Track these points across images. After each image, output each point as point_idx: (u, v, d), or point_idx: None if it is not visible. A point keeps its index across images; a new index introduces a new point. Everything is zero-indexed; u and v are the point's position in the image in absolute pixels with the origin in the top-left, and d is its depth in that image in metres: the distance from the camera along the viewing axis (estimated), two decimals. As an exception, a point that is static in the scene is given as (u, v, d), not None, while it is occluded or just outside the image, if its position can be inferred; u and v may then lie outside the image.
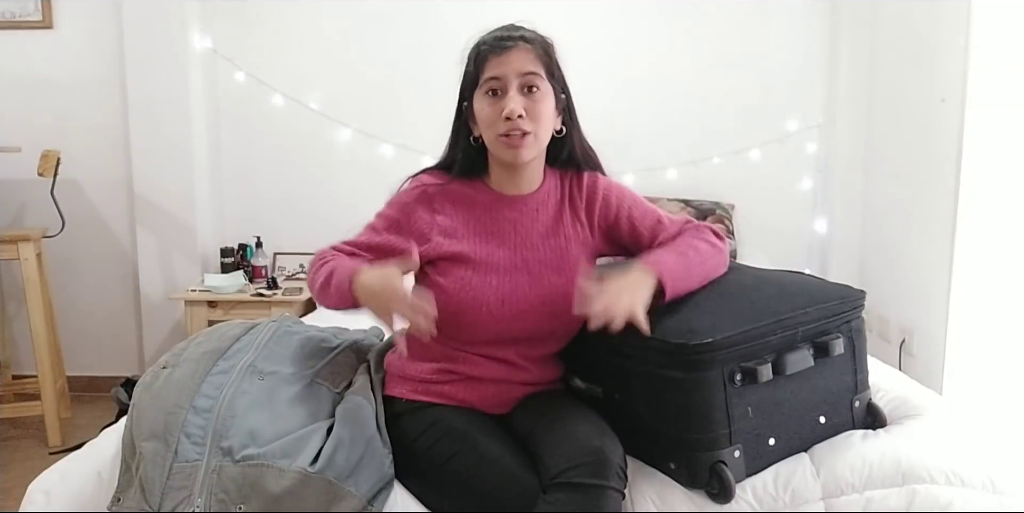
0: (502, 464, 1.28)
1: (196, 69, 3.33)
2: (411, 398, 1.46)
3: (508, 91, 1.40)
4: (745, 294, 1.40)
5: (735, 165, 3.42)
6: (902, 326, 2.93)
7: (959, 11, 2.53)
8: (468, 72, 1.45)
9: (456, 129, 1.51)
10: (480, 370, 1.45)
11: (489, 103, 1.41)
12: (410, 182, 1.52)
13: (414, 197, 1.48)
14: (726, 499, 1.27)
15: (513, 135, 1.39)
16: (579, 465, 1.21)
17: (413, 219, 1.47)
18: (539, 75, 1.41)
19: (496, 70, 1.40)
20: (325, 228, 3.45)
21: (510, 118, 1.38)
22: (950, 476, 1.32)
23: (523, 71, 1.40)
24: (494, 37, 1.43)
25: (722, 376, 1.28)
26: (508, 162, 1.45)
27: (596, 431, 1.29)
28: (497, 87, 1.41)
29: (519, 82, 1.40)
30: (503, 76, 1.40)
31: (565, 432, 1.29)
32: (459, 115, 1.50)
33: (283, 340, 1.60)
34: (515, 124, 1.38)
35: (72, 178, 3.30)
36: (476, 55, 1.43)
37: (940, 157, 2.65)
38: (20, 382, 3.29)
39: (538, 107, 1.41)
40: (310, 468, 1.25)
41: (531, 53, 1.41)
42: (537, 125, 1.41)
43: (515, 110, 1.38)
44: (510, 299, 1.42)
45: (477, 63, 1.42)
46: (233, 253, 3.38)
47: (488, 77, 1.41)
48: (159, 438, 1.30)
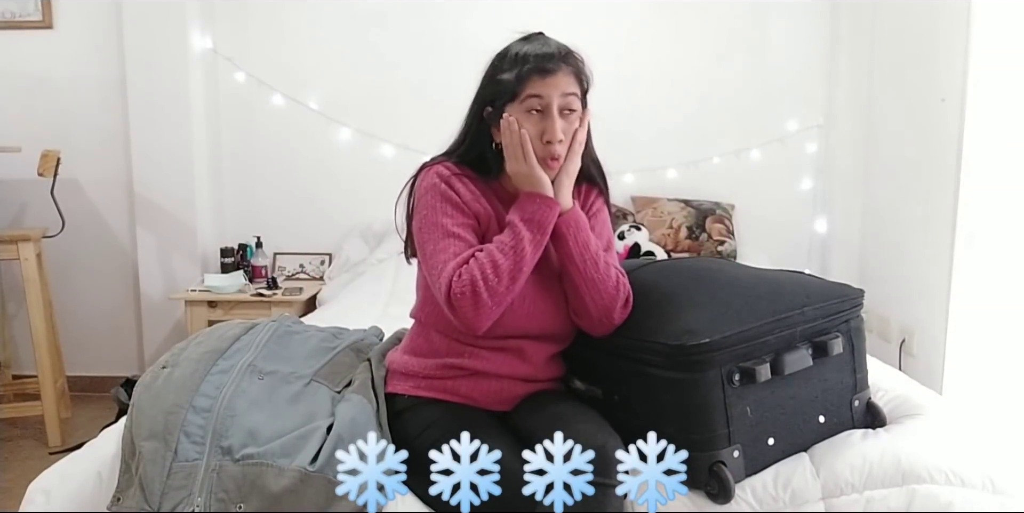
0: (503, 461, 1.28)
1: (196, 69, 3.33)
2: (413, 394, 1.46)
3: (550, 112, 1.40)
4: (743, 293, 1.40)
5: (735, 165, 3.42)
6: (902, 326, 2.93)
7: (959, 11, 2.53)
8: (504, 85, 1.42)
9: (476, 132, 1.49)
10: (485, 364, 1.45)
11: (529, 121, 1.41)
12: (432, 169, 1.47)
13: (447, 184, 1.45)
14: (726, 499, 1.27)
15: (552, 160, 1.41)
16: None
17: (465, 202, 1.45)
18: (577, 96, 1.42)
19: (539, 89, 1.40)
20: (325, 228, 3.50)
21: (551, 142, 1.39)
22: (950, 476, 1.32)
23: (565, 92, 1.40)
24: (537, 56, 1.41)
25: (720, 376, 1.28)
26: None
27: (598, 429, 1.30)
28: (539, 106, 1.40)
29: (560, 103, 1.40)
30: (547, 96, 1.40)
31: (567, 430, 1.29)
32: (479, 118, 1.48)
33: (283, 340, 1.60)
34: (554, 149, 1.40)
35: (72, 178, 3.29)
36: (518, 73, 1.41)
37: (940, 157, 2.65)
38: (20, 382, 3.29)
39: (574, 129, 1.42)
40: (310, 467, 1.26)
41: (572, 75, 1.42)
42: (570, 148, 1.43)
43: (557, 135, 1.39)
44: (531, 295, 1.43)
45: (519, 80, 1.40)
46: (233, 253, 3.38)
47: (530, 94, 1.40)
48: (159, 438, 1.30)
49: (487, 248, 1.38)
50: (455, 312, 1.36)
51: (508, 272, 1.35)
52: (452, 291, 1.35)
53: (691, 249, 3.20)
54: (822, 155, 3.42)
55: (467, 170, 1.48)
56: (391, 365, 1.55)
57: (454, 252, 1.39)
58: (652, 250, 3.07)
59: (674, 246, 3.21)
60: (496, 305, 1.36)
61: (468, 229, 1.43)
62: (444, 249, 1.40)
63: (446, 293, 1.35)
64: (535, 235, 1.37)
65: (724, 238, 3.23)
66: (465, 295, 1.34)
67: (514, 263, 1.36)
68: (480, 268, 1.34)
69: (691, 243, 3.22)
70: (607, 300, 1.41)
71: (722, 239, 3.23)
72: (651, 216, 3.27)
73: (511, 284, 1.36)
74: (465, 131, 1.51)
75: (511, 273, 1.35)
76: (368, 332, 1.80)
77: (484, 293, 1.34)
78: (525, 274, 1.38)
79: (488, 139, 1.47)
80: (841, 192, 3.36)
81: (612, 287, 1.41)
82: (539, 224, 1.38)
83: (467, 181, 1.46)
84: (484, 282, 1.34)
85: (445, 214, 1.42)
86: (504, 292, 1.36)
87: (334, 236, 3.50)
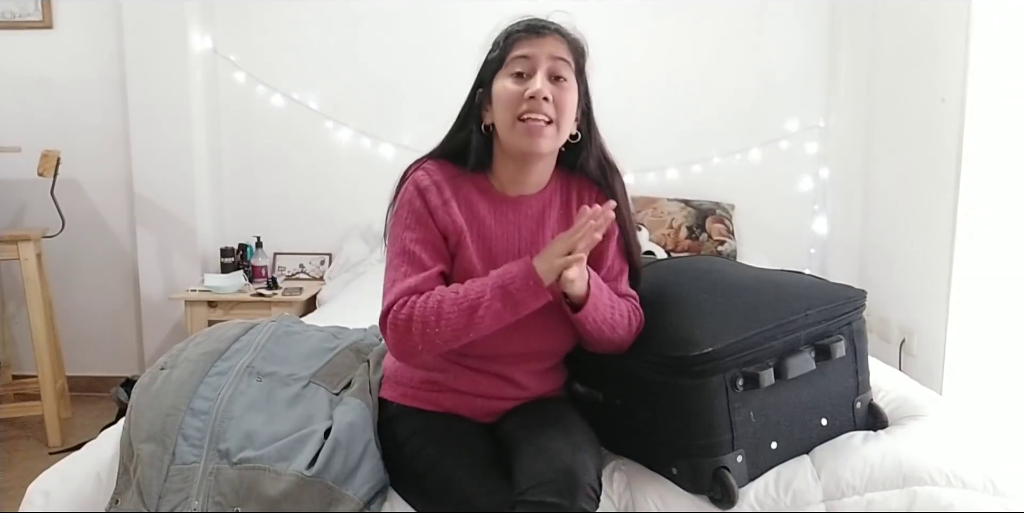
0: (477, 476, 1.26)
1: (196, 69, 3.33)
2: (402, 402, 1.43)
3: (536, 73, 1.32)
4: (746, 298, 1.38)
5: (735, 165, 3.42)
6: (902, 326, 2.93)
7: (959, 11, 2.53)
8: (492, 55, 1.37)
9: (464, 115, 1.41)
10: (468, 385, 1.39)
11: (513, 82, 1.33)
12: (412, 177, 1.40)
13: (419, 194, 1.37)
14: (730, 505, 1.27)
15: (535, 120, 1.30)
16: (546, 483, 1.17)
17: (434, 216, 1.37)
18: (568, 64, 1.34)
19: (527, 49, 1.33)
20: (325, 228, 3.50)
21: (534, 98, 1.30)
22: (951, 477, 1.32)
23: (554, 55, 1.33)
24: (527, 23, 1.36)
25: (724, 382, 1.27)
26: (523, 151, 1.34)
27: (569, 449, 1.24)
28: (524, 68, 1.33)
29: (548, 66, 1.32)
30: (533, 56, 1.32)
31: (539, 448, 1.25)
32: (471, 101, 1.41)
33: (282, 340, 1.60)
34: (539, 105, 1.30)
35: (72, 178, 3.29)
36: (506, 37, 1.35)
37: (940, 157, 2.64)
38: (20, 382, 3.29)
39: (564, 96, 1.33)
40: (307, 471, 1.25)
41: (564, 43, 1.35)
42: (560, 115, 1.33)
43: (542, 90, 1.29)
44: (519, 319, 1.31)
45: (506, 44, 1.34)
46: (233, 253, 3.38)
47: (517, 55, 1.33)
48: (156, 440, 1.30)
49: (444, 295, 1.27)
50: (384, 337, 1.31)
51: (452, 330, 1.25)
52: (388, 317, 1.28)
53: (691, 249, 3.20)
54: (822, 155, 3.42)
55: (449, 169, 1.40)
56: (385, 370, 1.53)
57: (404, 272, 1.32)
58: (652, 250, 3.06)
59: (674, 246, 3.21)
60: (427, 352, 1.29)
61: (427, 246, 1.34)
62: (396, 267, 1.34)
63: (383, 315, 1.30)
64: (505, 311, 1.25)
65: (724, 238, 3.23)
66: (398, 328, 1.27)
67: (464, 324, 1.25)
68: (423, 313, 1.25)
69: (691, 243, 3.21)
70: (623, 343, 1.36)
71: (722, 239, 3.23)
72: (651, 216, 3.27)
73: (452, 341, 1.27)
74: (459, 116, 1.43)
75: (455, 331, 1.25)
76: (368, 332, 1.79)
77: (417, 337, 1.26)
78: (475, 337, 1.27)
79: (478, 122, 1.39)
80: (841, 192, 3.35)
81: (627, 332, 1.34)
82: (515, 305, 1.25)
83: (444, 187, 1.37)
84: (422, 326, 1.25)
85: (407, 228, 1.36)
86: (441, 344, 1.27)
87: (334, 236, 3.50)
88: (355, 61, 3.43)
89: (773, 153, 3.41)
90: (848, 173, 3.32)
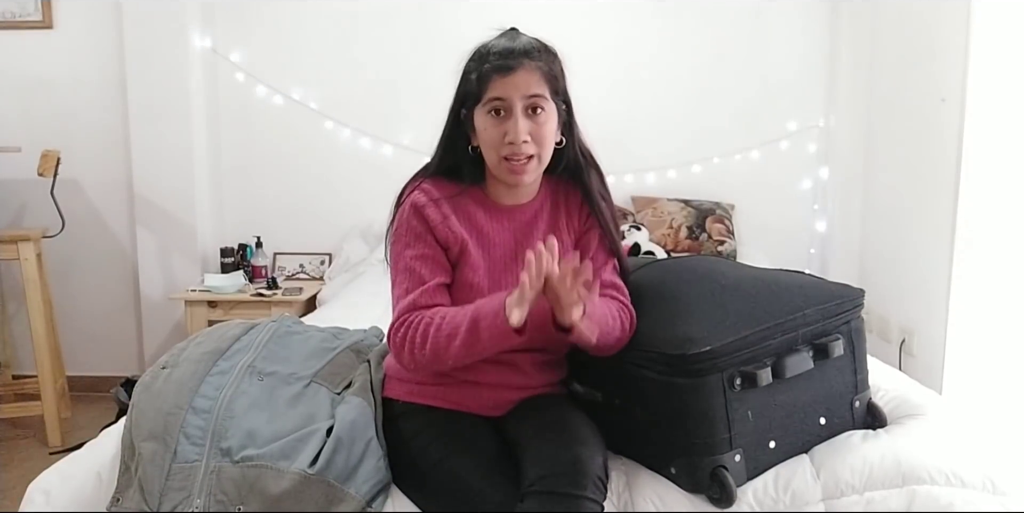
0: (485, 470, 1.28)
1: (196, 69, 3.33)
2: (408, 400, 1.45)
3: (512, 113, 1.36)
4: (744, 297, 1.38)
5: (735, 165, 3.42)
6: (902, 326, 2.93)
7: (959, 11, 2.53)
8: (470, 85, 1.40)
9: (452, 136, 1.46)
10: (476, 374, 1.43)
11: (492, 124, 1.38)
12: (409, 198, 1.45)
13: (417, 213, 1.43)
14: (728, 504, 1.27)
15: (516, 160, 1.37)
16: (555, 474, 1.20)
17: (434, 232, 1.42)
18: (544, 96, 1.37)
19: (501, 91, 1.36)
20: (325, 228, 3.50)
21: (513, 143, 1.36)
22: (950, 477, 1.32)
23: (528, 93, 1.36)
24: (498, 53, 1.37)
25: (722, 381, 1.27)
26: (509, 184, 1.44)
27: (576, 440, 1.27)
28: (501, 107, 1.37)
29: (523, 104, 1.36)
30: (508, 98, 1.36)
31: (546, 440, 1.28)
32: (456, 122, 1.45)
33: (283, 340, 1.60)
34: (519, 149, 1.36)
35: (72, 178, 3.29)
36: (479, 73, 1.37)
37: (940, 157, 2.65)
38: (20, 382, 3.29)
39: (542, 130, 1.38)
40: (309, 470, 1.26)
41: (536, 73, 1.37)
42: (541, 148, 1.39)
43: (520, 135, 1.35)
44: None
45: (480, 80, 1.37)
46: (233, 253, 3.38)
47: (492, 97, 1.37)
48: (158, 439, 1.30)
49: (434, 319, 1.32)
50: (391, 347, 1.39)
51: (434, 354, 1.31)
52: (389, 335, 1.38)
53: (691, 249, 3.20)
54: (822, 155, 3.42)
55: (445, 186, 1.45)
56: (388, 369, 1.54)
57: (406, 288, 1.39)
58: (652, 250, 3.07)
59: (674, 246, 3.21)
60: (419, 371, 1.39)
61: (427, 261, 1.40)
62: (399, 284, 1.42)
63: (390, 328, 1.38)
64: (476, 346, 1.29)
65: (724, 238, 3.23)
66: (395, 346, 1.37)
67: (443, 351, 1.30)
68: (413, 335, 1.33)
69: (691, 243, 3.22)
70: (619, 344, 1.37)
71: (722, 239, 3.23)
72: (651, 216, 3.27)
73: (436, 363, 1.34)
74: (444, 134, 1.48)
75: (437, 356, 1.31)
76: (368, 332, 1.80)
77: (408, 357, 1.35)
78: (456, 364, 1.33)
79: (466, 141, 1.45)
80: (841, 192, 3.36)
81: (622, 332, 1.36)
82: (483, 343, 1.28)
83: (443, 203, 1.43)
84: (411, 348, 1.34)
85: (407, 246, 1.43)
86: (427, 366, 1.36)
87: (334, 236, 3.50)
88: (355, 61, 3.43)
89: (773, 153, 3.42)
90: (848, 173, 3.33)
